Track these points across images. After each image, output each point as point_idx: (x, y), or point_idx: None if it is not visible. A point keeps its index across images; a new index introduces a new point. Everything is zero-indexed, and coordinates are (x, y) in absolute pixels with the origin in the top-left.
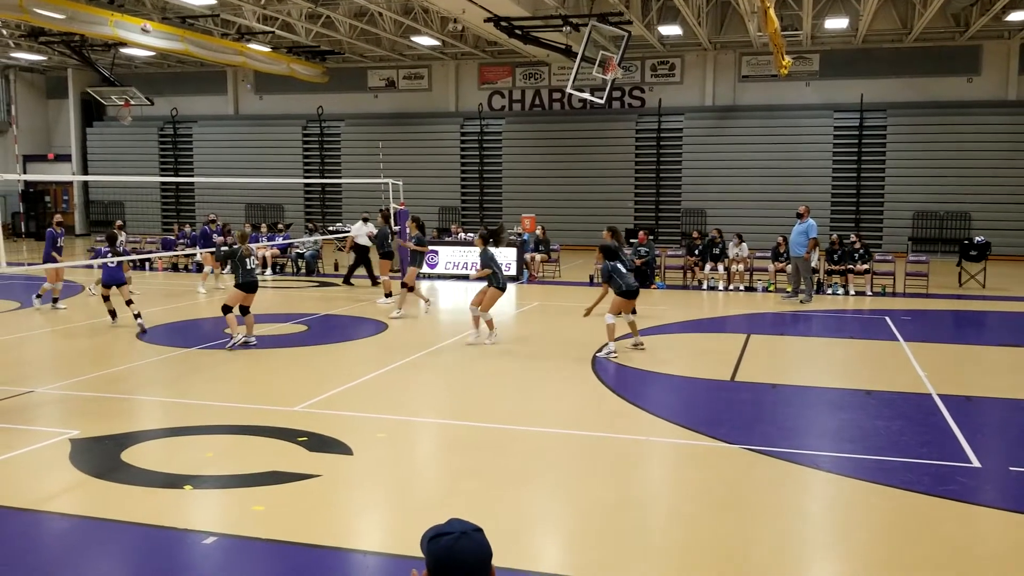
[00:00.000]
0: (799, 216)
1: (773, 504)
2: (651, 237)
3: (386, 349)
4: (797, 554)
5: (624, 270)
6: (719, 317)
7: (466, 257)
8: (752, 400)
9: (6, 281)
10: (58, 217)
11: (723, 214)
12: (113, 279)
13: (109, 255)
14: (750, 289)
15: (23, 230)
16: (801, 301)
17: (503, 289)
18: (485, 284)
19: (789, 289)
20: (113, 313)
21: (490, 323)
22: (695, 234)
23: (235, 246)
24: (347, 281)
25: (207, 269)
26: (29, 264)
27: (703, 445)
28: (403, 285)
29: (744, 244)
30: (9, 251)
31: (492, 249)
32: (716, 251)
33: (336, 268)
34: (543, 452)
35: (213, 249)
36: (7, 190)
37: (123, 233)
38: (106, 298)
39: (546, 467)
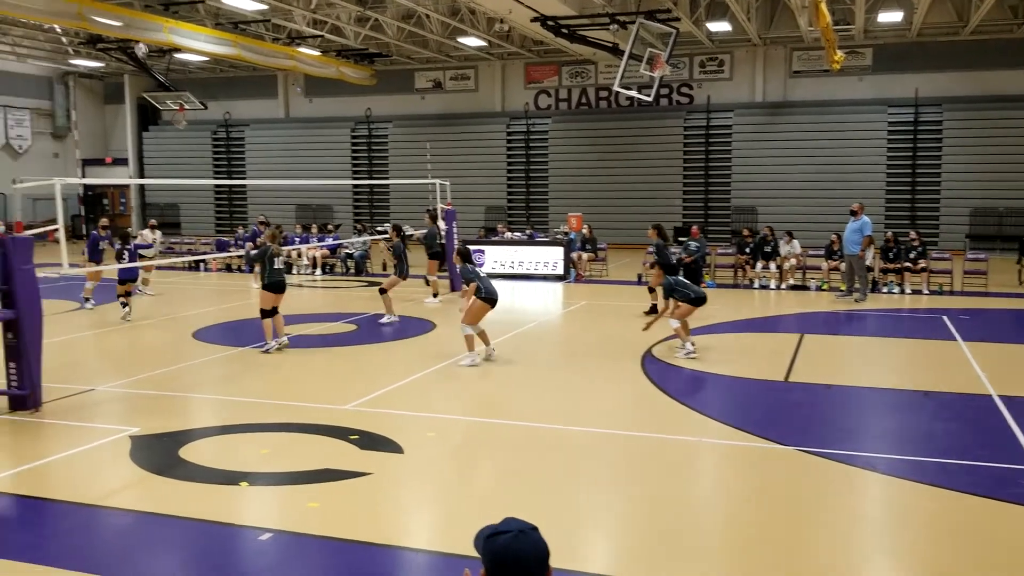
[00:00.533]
0: (853, 213)
1: (828, 507)
2: (702, 234)
3: (434, 348)
4: (852, 558)
5: (687, 280)
6: (771, 316)
7: (513, 256)
8: (806, 401)
9: (68, 282)
10: (104, 221)
11: (774, 211)
12: (128, 276)
13: (124, 252)
14: (802, 288)
15: (83, 232)
16: (856, 300)
17: (490, 301)
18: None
19: (843, 288)
20: (125, 304)
21: (483, 336)
22: (746, 232)
23: (265, 245)
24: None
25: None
26: (71, 265)
27: (756, 446)
28: (382, 291)
29: (796, 241)
30: (70, 253)
31: (471, 264)
32: (767, 249)
33: (384, 268)
34: (593, 452)
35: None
36: (67, 193)
37: (155, 232)
38: (127, 294)
39: (596, 467)
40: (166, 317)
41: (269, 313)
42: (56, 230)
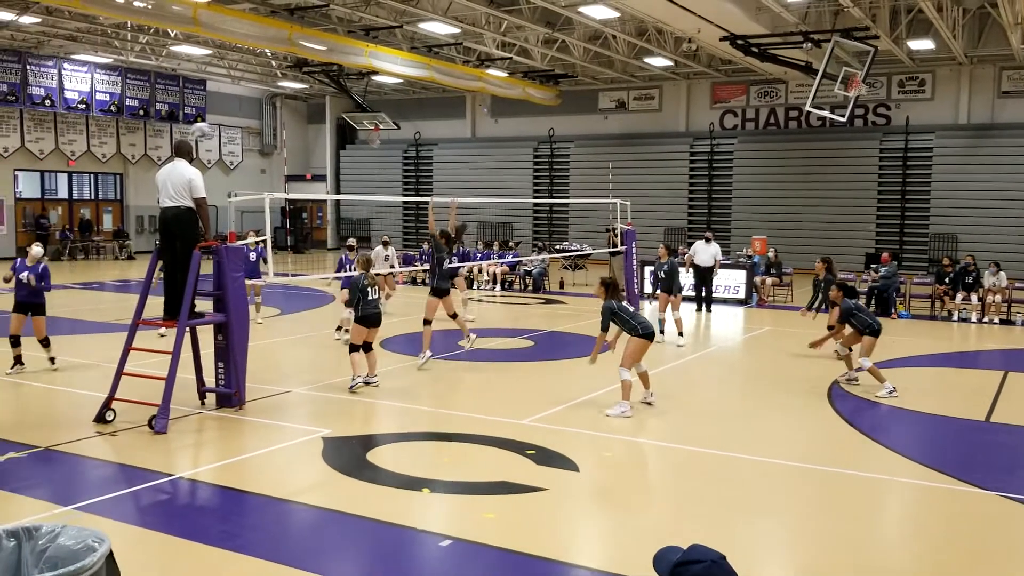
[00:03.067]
0: None
1: None
2: (895, 261)
3: (612, 367)
4: None
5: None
6: (972, 351)
7: (689, 278)
8: (1011, 443)
9: (269, 291)
10: (351, 242)
11: (977, 240)
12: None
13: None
14: (1008, 322)
15: (285, 244)
16: None
17: (649, 336)
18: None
19: None
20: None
21: (644, 378)
22: (945, 261)
23: (358, 275)
24: (708, 308)
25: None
26: (293, 275)
27: (954, 489)
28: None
29: (1002, 273)
30: (274, 263)
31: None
32: (969, 280)
33: (561, 286)
34: (775, 484)
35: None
36: (273, 206)
37: (388, 248)
38: None
39: (777, 499)
40: None
41: (358, 347)
42: (264, 241)
